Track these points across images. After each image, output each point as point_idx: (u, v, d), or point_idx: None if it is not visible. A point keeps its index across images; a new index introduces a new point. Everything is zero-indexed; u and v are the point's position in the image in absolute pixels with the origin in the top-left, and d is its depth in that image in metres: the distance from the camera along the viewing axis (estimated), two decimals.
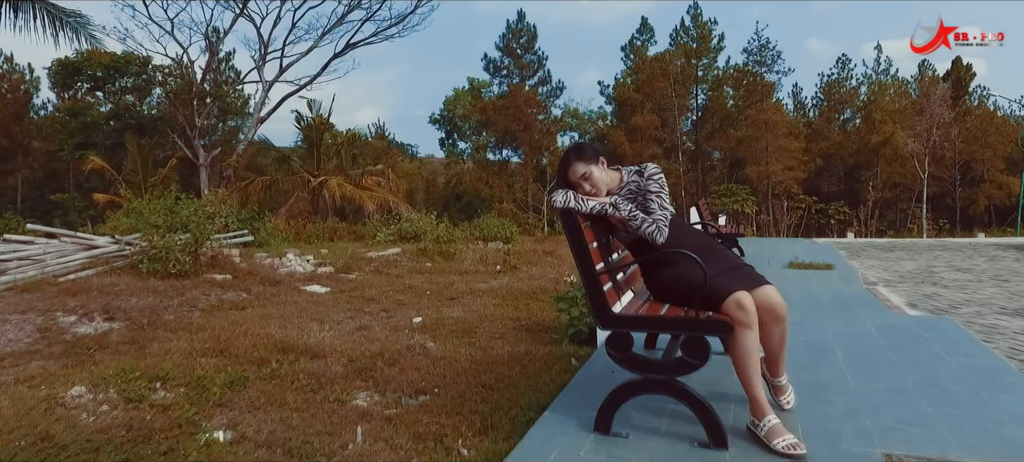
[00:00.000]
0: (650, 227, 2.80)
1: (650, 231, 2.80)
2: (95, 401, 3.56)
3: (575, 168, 2.92)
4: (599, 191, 2.92)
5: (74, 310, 5.95)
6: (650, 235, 2.80)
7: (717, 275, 2.60)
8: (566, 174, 2.93)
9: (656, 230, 2.79)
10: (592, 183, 2.90)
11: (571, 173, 2.91)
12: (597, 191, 2.91)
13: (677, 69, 33.85)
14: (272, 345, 4.81)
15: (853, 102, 37.44)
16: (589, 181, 2.90)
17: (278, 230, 15.36)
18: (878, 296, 6.96)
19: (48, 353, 4.89)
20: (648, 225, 2.80)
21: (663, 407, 2.87)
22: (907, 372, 3.35)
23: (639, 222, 2.81)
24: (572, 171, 2.92)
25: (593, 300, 2.65)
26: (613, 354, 2.62)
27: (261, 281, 8.07)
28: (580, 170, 2.91)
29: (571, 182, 2.92)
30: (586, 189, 2.90)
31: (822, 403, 2.94)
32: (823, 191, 34.63)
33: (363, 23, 23.67)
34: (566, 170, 2.93)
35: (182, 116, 22.90)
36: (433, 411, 3.58)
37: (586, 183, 2.90)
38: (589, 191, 2.90)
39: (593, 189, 2.91)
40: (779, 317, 2.65)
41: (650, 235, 2.80)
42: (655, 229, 2.79)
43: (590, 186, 2.90)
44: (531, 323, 5.96)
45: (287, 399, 3.77)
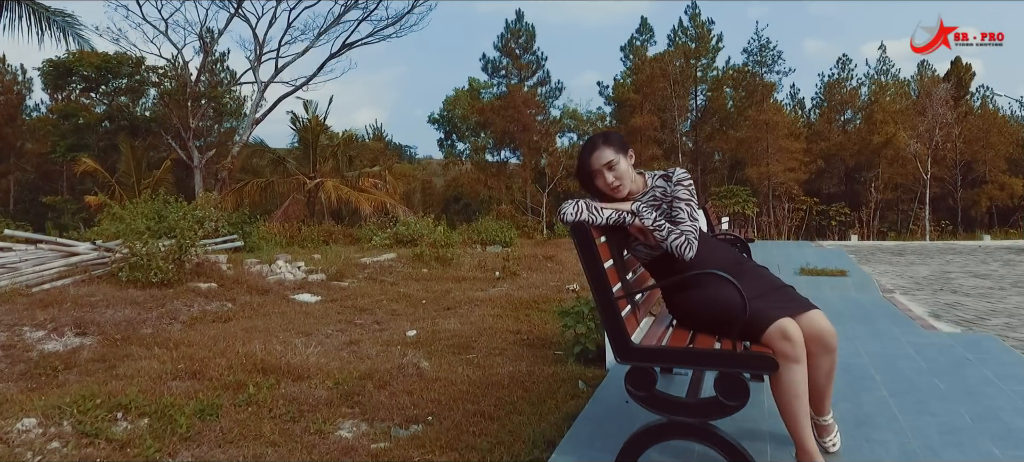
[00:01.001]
0: (679, 240, 2.40)
1: (678, 244, 2.40)
2: (44, 436, 3.16)
3: (601, 153, 2.50)
4: (622, 186, 2.50)
5: (43, 324, 5.56)
6: (678, 249, 2.40)
7: (754, 298, 2.21)
8: (588, 161, 2.50)
9: (686, 243, 2.40)
10: (616, 175, 2.49)
11: (595, 159, 2.50)
12: (620, 186, 2.50)
13: (676, 70, 33.50)
14: (252, 365, 4.41)
15: (854, 102, 37.12)
16: (613, 171, 2.48)
17: (271, 234, 14.95)
18: (899, 306, 6.59)
19: (8, 374, 4.50)
20: (676, 237, 2.41)
21: (689, 447, 2.49)
22: (960, 403, 2.97)
23: (665, 233, 2.41)
24: (596, 156, 2.50)
25: (611, 329, 2.26)
26: (634, 392, 2.23)
27: (248, 290, 7.68)
28: (606, 156, 2.49)
29: (592, 169, 2.50)
30: (608, 180, 2.48)
31: (871, 443, 2.56)
32: (824, 192, 34.31)
33: (360, 23, 23.28)
34: (590, 156, 2.51)
35: (176, 117, 22.48)
36: (425, 445, 3.20)
37: (610, 173, 2.48)
38: (611, 184, 2.49)
39: (616, 182, 2.49)
40: (829, 347, 2.26)
41: (678, 249, 2.40)
42: (684, 242, 2.40)
43: (614, 178, 2.49)
44: (532, 337, 5.58)
45: (263, 431, 3.38)
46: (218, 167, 23.29)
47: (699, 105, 36.14)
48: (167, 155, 23.65)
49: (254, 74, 23.20)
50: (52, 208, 25.65)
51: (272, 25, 23.18)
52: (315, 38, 23.27)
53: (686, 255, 2.41)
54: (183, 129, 22.43)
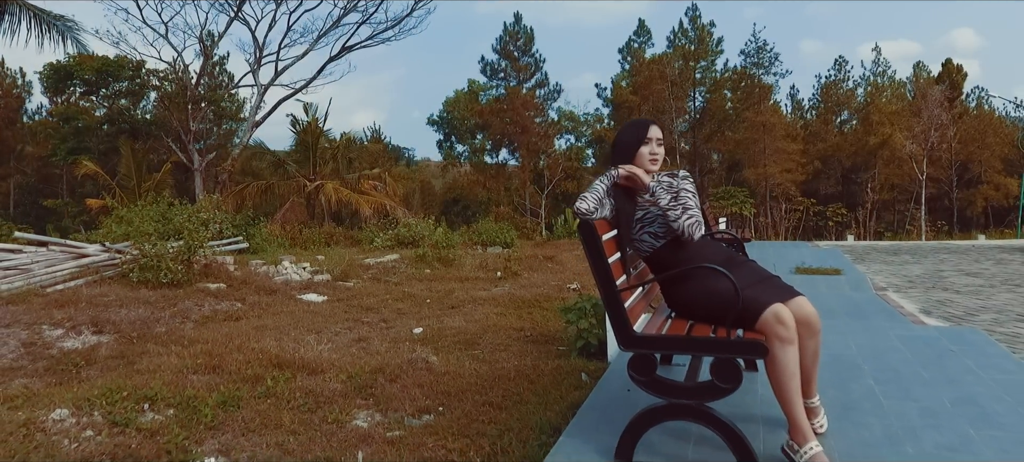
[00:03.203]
0: (689, 220, 2.61)
1: (690, 224, 2.61)
2: (78, 426, 3.34)
3: (657, 129, 2.77)
4: (657, 164, 2.76)
5: (61, 323, 5.73)
6: (689, 229, 2.61)
7: (748, 288, 2.41)
8: (647, 130, 2.75)
9: (695, 223, 2.61)
10: (661, 154, 2.76)
11: (653, 130, 2.75)
12: (656, 162, 2.76)
13: (675, 71, 33.74)
14: (267, 360, 4.59)
15: (850, 104, 37.41)
16: (661, 146, 2.77)
17: (274, 236, 15.11)
18: (891, 303, 6.78)
19: (32, 370, 4.67)
20: (687, 218, 2.62)
21: (687, 431, 2.68)
22: (942, 390, 3.16)
23: (679, 212, 2.62)
24: (655, 129, 2.76)
25: (615, 319, 2.45)
26: (636, 377, 2.42)
27: (256, 290, 7.85)
28: (659, 134, 2.77)
29: (648, 137, 2.73)
30: (656, 151, 2.74)
31: (856, 426, 2.75)
32: (821, 193, 34.54)
33: (359, 26, 23.48)
34: (650, 127, 2.76)
35: (177, 120, 22.62)
36: (438, 433, 3.38)
37: (659, 147, 2.75)
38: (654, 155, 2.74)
39: (657, 156, 2.74)
40: (814, 330, 2.47)
41: (689, 229, 2.61)
42: (694, 222, 2.62)
43: (660, 152, 2.75)
44: (536, 334, 5.76)
45: (283, 420, 3.56)
46: (218, 169, 23.45)
47: (697, 107, 36.38)
48: (167, 158, 23.78)
49: (254, 77, 23.38)
50: (52, 211, 25.78)
51: (272, 28, 23.40)
52: (314, 41, 23.48)
53: (695, 235, 2.61)
54: (183, 132, 22.58)
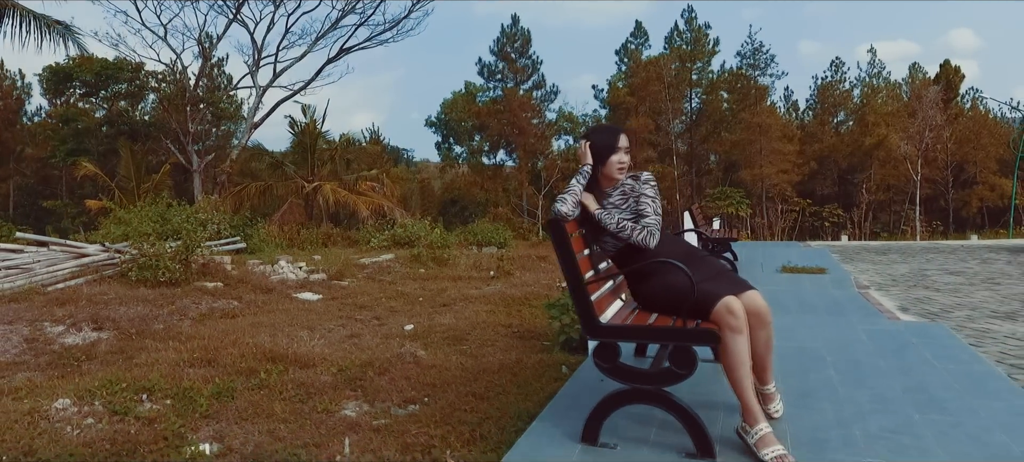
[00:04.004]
0: (640, 234, 2.81)
1: (641, 238, 2.81)
2: (80, 414, 3.52)
3: (625, 138, 3.00)
4: (624, 171, 2.98)
5: (62, 320, 5.91)
6: (642, 241, 2.81)
7: (704, 282, 2.61)
8: (618, 138, 2.97)
9: (648, 234, 2.81)
10: (627, 162, 2.98)
11: (623, 139, 2.98)
12: (623, 169, 2.97)
13: (672, 73, 33.96)
14: (261, 354, 4.77)
15: (847, 105, 37.65)
16: (628, 155, 2.98)
17: (272, 236, 15.29)
18: (870, 300, 6.97)
19: (35, 364, 4.84)
20: (638, 232, 2.82)
21: (652, 416, 2.86)
22: (895, 379, 3.34)
23: (628, 231, 2.83)
24: (624, 138, 2.99)
25: (581, 310, 2.64)
26: (600, 364, 2.61)
27: (252, 289, 8.03)
28: (627, 143, 2.99)
29: (618, 145, 2.95)
30: (623, 160, 2.95)
31: (811, 411, 2.94)
32: (817, 194, 34.74)
33: (357, 28, 23.69)
34: (621, 135, 2.99)
35: (175, 122, 22.80)
36: (422, 421, 3.56)
37: (626, 156, 2.97)
38: (621, 164, 2.94)
39: (624, 165, 2.95)
40: (764, 321, 2.65)
41: (642, 241, 2.81)
42: (646, 234, 2.81)
43: (627, 160, 2.97)
44: (523, 330, 5.94)
45: (275, 410, 3.74)
46: (217, 171, 23.64)
47: (694, 108, 36.59)
48: (166, 159, 23.96)
49: (252, 78, 23.58)
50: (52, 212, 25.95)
51: (270, 30, 23.60)
52: (313, 43, 23.69)
53: (650, 244, 2.81)
54: (182, 133, 22.75)
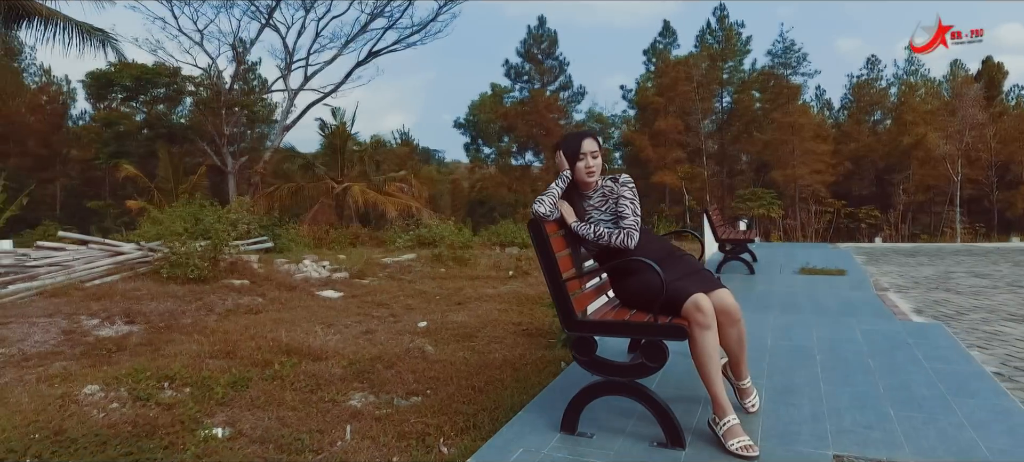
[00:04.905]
0: (619, 237, 2.94)
1: (620, 240, 2.94)
2: (106, 399, 3.80)
3: (592, 142, 3.06)
4: (594, 175, 3.05)
5: (97, 314, 6.27)
6: (622, 243, 2.94)
7: (677, 279, 2.73)
8: (581, 144, 3.04)
9: (626, 236, 2.93)
10: (595, 166, 3.04)
11: (587, 144, 3.04)
12: (593, 173, 3.04)
13: (701, 72, 33.65)
14: (277, 348, 5.03)
15: (883, 103, 36.79)
16: (596, 159, 3.05)
17: (301, 236, 15.73)
18: (886, 302, 6.92)
19: (71, 354, 5.18)
20: (617, 236, 2.95)
21: (632, 409, 2.98)
22: (880, 378, 3.40)
23: (607, 237, 2.96)
24: (588, 143, 3.05)
25: (559, 305, 2.78)
26: (578, 357, 2.75)
27: (277, 286, 8.35)
28: (594, 147, 3.05)
29: (582, 151, 3.03)
30: (590, 165, 3.03)
31: (788, 406, 3.03)
32: (854, 195, 33.99)
33: (385, 31, 24.14)
34: (584, 140, 3.05)
35: (211, 124, 23.54)
36: (421, 412, 3.75)
37: (593, 160, 3.04)
38: (589, 168, 3.03)
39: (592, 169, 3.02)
40: (734, 319, 2.76)
41: (622, 243, 2.94)
42: (625, 236, 2.94)
43: (595, 164, 3.04)
44: (532, 328, 6.10)
45: (285, 399, 3.97)
46: (251, 172, 24.33)
47: (725, 107, 36.18)
48: (202, 161, 24.74)
49: (284, 82, 24.20)
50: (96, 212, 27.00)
51: (301, 34, 24.18)
52: (342, 46, 24.21)
53: (629, 244, 2.94)
54: (217, 135, 23.49)
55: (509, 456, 2.61)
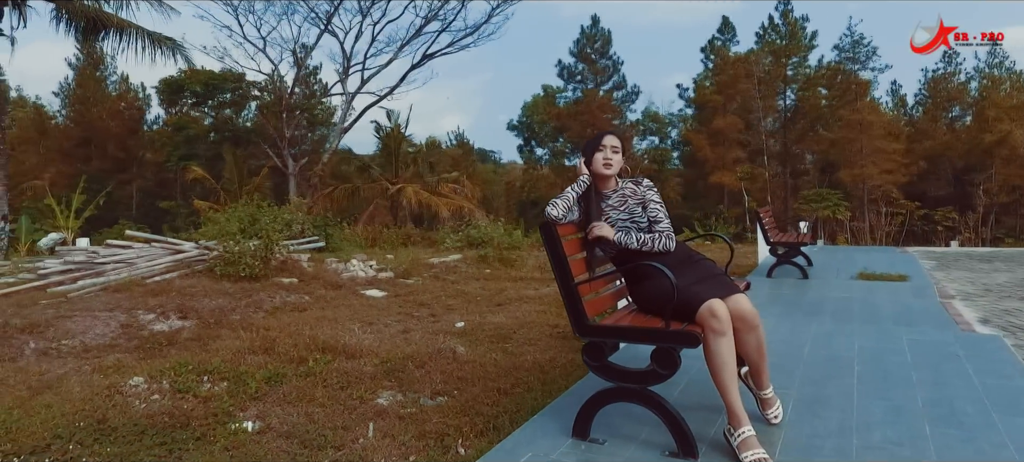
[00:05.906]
0: (661, 240, 2.92)
1: (663, 243, 2.92)
2: (149, 390, 3.99)
3: (613, 138, 3.10)
4: (612, 169, 3.05)
5: (154, 309, 6.60)
6: (664, 246, 2.92)
7: (692, 285, 2.65)
8: (602, 138, 3.09)
9: (667, 239, 2.93)
10: (614, 160, 3.05)
11: (608, 138, 3.08)
12: (610, 167, 3.04)
13: (763, 69, 32.59)
14: (314, 345, 5.16)
15: (962, 99, 34.67)
16: (615, 155, 3.05)
17: (354, 236, 16.11)
18: (949, 311, 6.53)
19: (125, 347, 5.47)
20: (659, 241, 2.92)
21: (648, 416, 2.90)
22: (921, 391, 3.20)
23: (651, 243, 2.92)
24: (610, 138, 3.09)
25: (570, 310, 2.75)
26: (589, 362, 2.71)
27: (323, 285, 8.57)
28: (615, 142, 3.08)
29: (602, 143, 3.06)
30: (608, 157, 3.04)
31: (815, 418, 2.89)
32: (929, 196, 32.15)
33: (439, 34, 24.43)
34: (605, 136, 3.11)
35: (273, 128, 24.43)
36: (445, 412, 3.77)
37: (614, 154, 3.05)
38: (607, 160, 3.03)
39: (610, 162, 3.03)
40: (751, 325, 2.65)
41: (664, 246, 2.92)
42: (665, 239, 2.93)
43: (615, 158, 3.05)
44: (567, 330, 6.03)
45: (316, 395, 4.07)
46: (310, 173, 25.13)
47: (788, 105, 34.93)
48: (265, 163, 25.73)
49: (342, 85, 24.85)
50: (168, 212, 28.50)
51: (358, 39, 24.78)
52: (398, 50, 24.64)
53: (670, 248, 2.91)
54: (279, 138, 24.35)
55: (517, 459, 2.59)
